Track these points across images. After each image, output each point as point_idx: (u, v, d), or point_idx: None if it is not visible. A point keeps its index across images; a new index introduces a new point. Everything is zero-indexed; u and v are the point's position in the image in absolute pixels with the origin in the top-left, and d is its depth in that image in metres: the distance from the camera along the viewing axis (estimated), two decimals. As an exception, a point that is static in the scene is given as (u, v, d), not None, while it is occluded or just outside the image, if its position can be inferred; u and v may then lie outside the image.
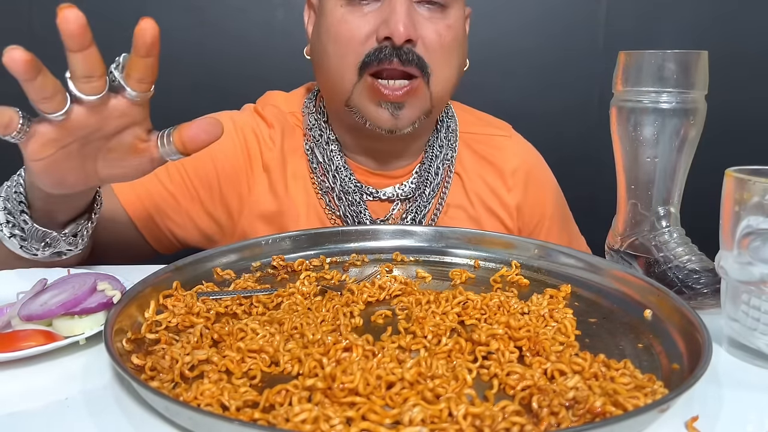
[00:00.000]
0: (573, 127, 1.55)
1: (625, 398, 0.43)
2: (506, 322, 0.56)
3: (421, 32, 0.77)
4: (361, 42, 0.77)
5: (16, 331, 0.54)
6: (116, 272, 0.63)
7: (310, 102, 0.91)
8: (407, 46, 0.76)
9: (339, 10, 0.78)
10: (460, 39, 0.82)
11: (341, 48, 0.78)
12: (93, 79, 0.50)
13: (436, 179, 0.89)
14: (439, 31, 0.78)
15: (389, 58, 0.76)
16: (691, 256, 0.70)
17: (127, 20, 1.58)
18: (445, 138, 0.92)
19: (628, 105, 0.71)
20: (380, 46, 0.77)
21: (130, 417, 0.45)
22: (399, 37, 0.75)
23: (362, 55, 0.77)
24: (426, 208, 0.89)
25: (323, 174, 0.87)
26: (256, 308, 0.62)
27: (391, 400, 0.44)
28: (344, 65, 0.79)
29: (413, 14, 0.77)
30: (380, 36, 0.76)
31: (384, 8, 0.77)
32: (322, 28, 0.81)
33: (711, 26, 1.54)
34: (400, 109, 0.79)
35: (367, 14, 0.77)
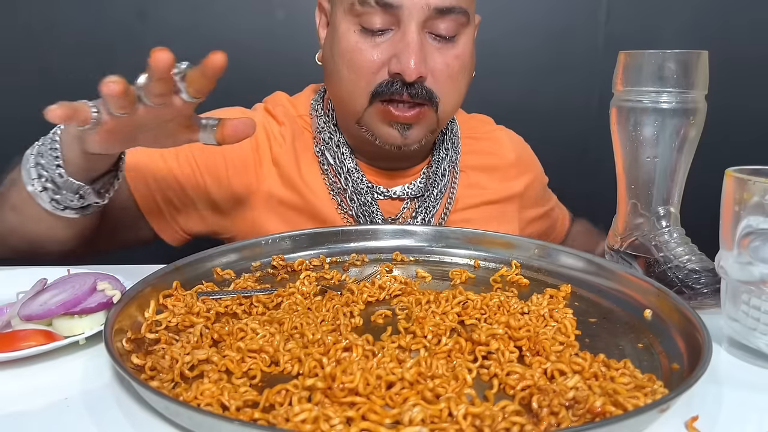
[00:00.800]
0: (573, 127, 1.55)
1: (625, 398, 0.43)
2: (506, 322, 0.56)
3: (431, 65, 0.79)
4: (373, 72, 0.79)
5: (16, 331, 0.54)
6: (116, 272, 0.63)
7: (318, 104, 0.93)
8: (418, 83, 0.78)
9: (353, 36, 0.80)
10: (468, 64, 0.84)
11: (353, 74, 0.80)
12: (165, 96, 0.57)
13: (443, 180, 0.92)
14: (447, 62, 0.80)
15: (399, 92, 0.79)
16: (691, 256, 0.70)
17: (127, 20, 1.59)
18: (450, 141, 0.95)
19: (628, 105, 0.71)
20: (392, 80, 0.79)
21: (130, 417, 0.45)
22: (410, 76, 0.77)
23: (374, 85, 0.80)
24: (435, 207, 0.91)
25: (335, 176, 0.89)
26: (256, 308, 0.62)
27: (391, 400, 0.44)
28: (356, 90, 0.81)
29: (424, 47, 0.78)
30: (392, 70, 0.78)
31: (396, 40, 0.78)
32: (335, 48, 0.82)
33: (711, 26, 1.54)
34: (409, 129, 0.82)
35: (380, 43, 0.79)
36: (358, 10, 0.78)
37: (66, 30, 1.44)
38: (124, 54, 1.45)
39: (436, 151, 0.93)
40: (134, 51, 1.44)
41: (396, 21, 0.78)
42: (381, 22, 0.78)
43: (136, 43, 1.45)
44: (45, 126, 1.35)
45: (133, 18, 1.44)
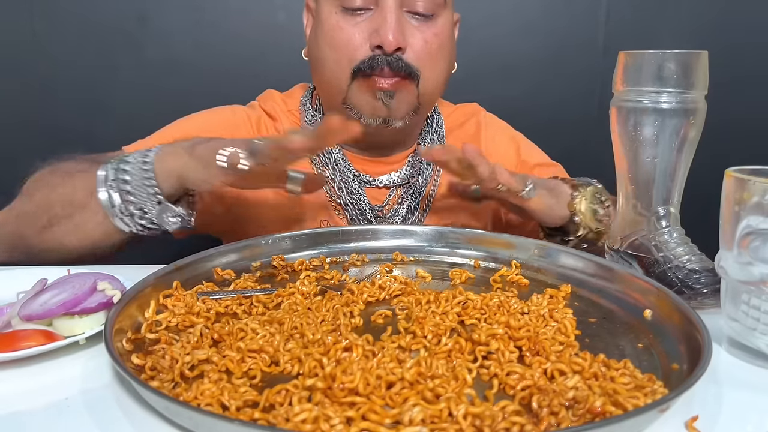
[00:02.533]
0: (573, 127, 1.55)
1: (625, 398, 0.43)
2: (506, 322, 0.56)
3: (410, 40, 0.83)
4: (355, 48, 0.83)
5: (16, 331, 0.54)
6: (116, 272, 0.63)
7: (307, 100, 0.97)
8: (397, 54, 0.82)
9: (334, 17, 0.84)
10: (447, 45, 0.87)
11: (336, 53, 0.84)
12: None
13: (428, 169, 0.95)
14: (426, 39, 0.84)
15: (381, 65, 0.82)
16: (691, 256, 0.70)
17: (127, 20, 1.59)
18: (435, 132, 0.98)
19: (628, 105, 0.71)
20: (373, 55, 0.82)
21: (130, 417, 0.45)
22: (389, 45, 0.80)
23: (356, 61, 0.83)
24: (420, 194, 0.94)
25: (323, 166, 0.92)
26: (256, 308, 0.62)
27: (391, 400, 0.44)
28: (339, 69, 0.84)
29: (403, 23, 0.82)
30: (372, 44, 0.82)
31: (376, 17, 0.82)
32: (319, 32, 0.86)
33: (711, 26, 1.54)
34: (392, 98, 0.84)
35: (360, 23, 0.83)
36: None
37: (66, 30, 1.44)
38: (124, 54, 1.46)
39: (420, 140, 0.96)
40: (134, 52, 1.45)
41: (374, 1, 0.82)
42: (361, 1, 0.82)
43: (136, 44, 1.45)
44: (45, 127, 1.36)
45: (134, 19, 1.45)
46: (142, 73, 1.45)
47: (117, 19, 1.44)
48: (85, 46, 1.44)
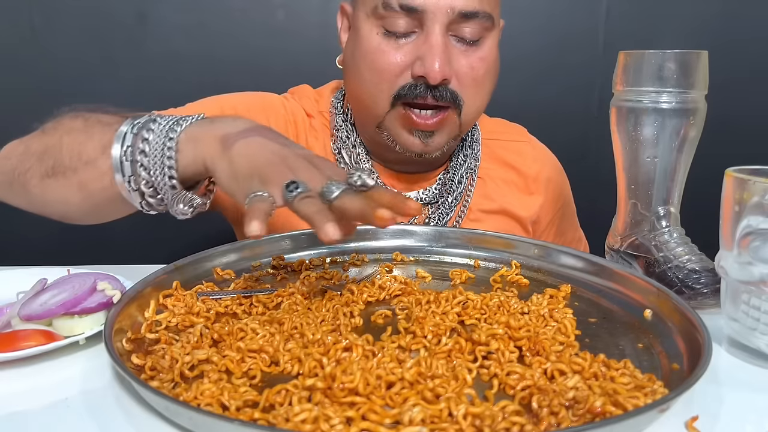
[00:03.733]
0: (573, 127, 1.55)
1: (625, 398, 0.43)
2: (506, 322, 0.56)
3: (456, 67, 0.78)
4: (396, 74, 0.78)
5: (16, 331, 0.54)
6: (116, 272, 0.63)
7: (338, 102, 0.92)
8: (442, 85, 0.77)
9: (375, 38, 0.79)
10: (492, 67, 0.82)
11: (376, 77, 0.79)
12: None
13: (459, 188, 0.91)
14: (472, 65, 0.79)
15: (423, 95, 0.77)
16: (691, 256, 0.70)
17: (127, 17, 1.59)
18: (470, 147, 0.93)
19: (628, 105, 0.71)
20: (415, 83, 0.78)
21: (130, 417, 0.45)
22: (434, 79, 0.76)
23: (397, 87, 0.79)
24: (449, 214, 0.90)
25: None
26: (256, 308, 0.62)
27: (391, 400, 0.44)
28: (378, 93, 0.80)
29: (449, 50, 0.77)
30: (415, 73, 0.77)
31: (420, 42, 0.77)
32: (358, 50, 0.81)
33: (711, 26, 1.54)
34: (431, 137, 0.81)
35: (403, 46, 0.78)
36: (381, 13, 0.77)
37: (65, 27, 1.44)
38: (123, 51, 1.46)
39: (454, 157, 0.92)
40: (133, 49, 1.45)
41: (419, 24, 0.77)
42: (404, 25, 0.77)
43: (135, 41, 1.45)
44: (44, 125, 1.32)
45: (133, 16, 1.45)
46: (142, 71, 1.45)
47: (116, 16, 1.44)
48: (84, 42, 1.44)
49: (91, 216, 0.66)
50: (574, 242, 1.06)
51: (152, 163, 0.58)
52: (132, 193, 0.59)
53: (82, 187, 0.62)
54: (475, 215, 0.92)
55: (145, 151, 0.58)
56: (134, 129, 0.59)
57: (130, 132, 0.59)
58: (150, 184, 0.59)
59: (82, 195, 0.62)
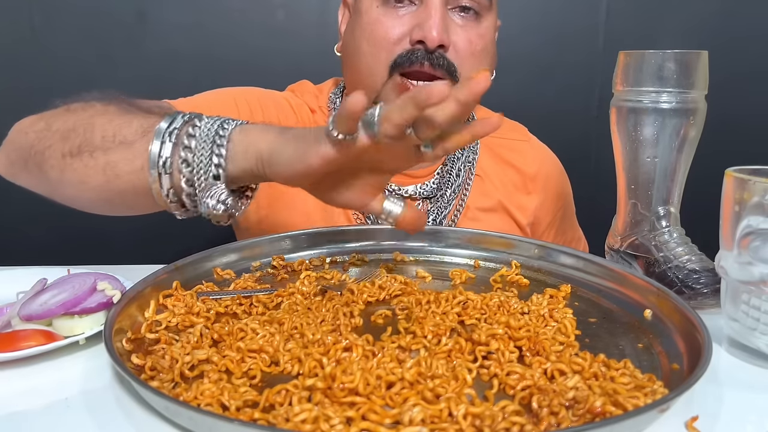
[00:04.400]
0: (573, 127, 1.55)
1: (625, 398, 0.43)
2: (506, 322, 0.56)
3: (454, 38, 0.79)
4: (394, 42, 0.79)
5: (16, 331, 0.54)
6: (116, 272, 0.63)
7: (336, 98, 0.93)
8: (439, 51, 0.78)
9: (375, 11, 0.81)
10: (490, 48, 0.84)
11: (374, 47, 0.80)
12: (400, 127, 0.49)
13: (457, 181, 0.91)
14: (470, 39, 0.80)
15: (420, 60, 0.78)
16: (691, 256, 0.70)
17: (126, 16, 1.58)
18: None
19: (628, 105, 0.71)
20: (413, 49, 0.79)
21: (130, 417, 0.45)
22: (432, 42, 0.76)
23: (394, 55, 0.79)
24: (446, 209, 0.90)
25: None
26: (256, 308, 0.62)
27: (391, 400, 0.44)
28: (376, 63, 0.80)
29: (447, 20, 0.79)
30: (414, 39, 0.78)
31: (419, 12, 0.79)
32: (357, 26, 0.83)
33: (711, 26, 1.54)
34: None
35: (402, 16, 0.80)
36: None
37: (65, 26, 1.44)
38: (122, 50, 1.46)
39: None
40: (133, 48, 1.45)
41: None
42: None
43: (134, 40, 1.45)
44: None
45: (132, 15, 1.45)
46: (141, 70, 1.45)
47: (116, 16, 1.44)
48: (83, 42, 1.44)
49: (103, 204, 0.64)
50: (574, 242, 1.06)
51: (198, 149, 0.56)
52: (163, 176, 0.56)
53: (109, 167, 0.59)
54: (473, 213, 0.92)
55: (195, 135, 0.56)
56: (184, 116, 0.58)
57: (181, 117, 0.57)
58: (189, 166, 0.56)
59: (106, 177, 0.60)
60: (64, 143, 0.61)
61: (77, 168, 0.60)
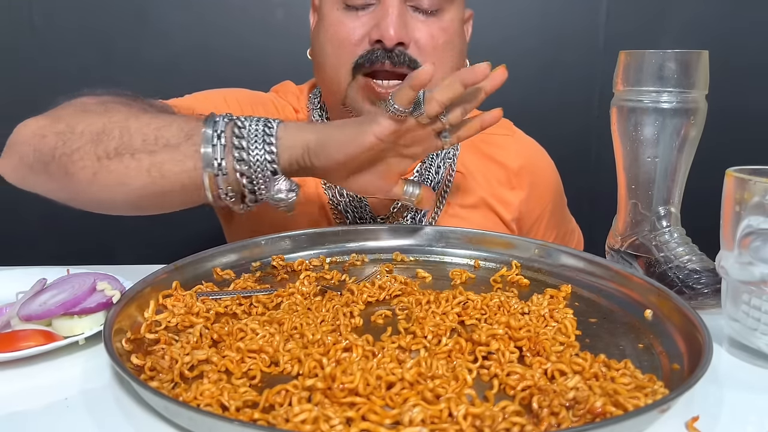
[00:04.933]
0: (573, 127, 1.55)
1: (625, 398, 0.43)
2: (506, 322, 0.55)
3: (414, 35, 0.80)
4: (355, 43, 0.80)
5: (16, 331, 0.54)
6: (116, 272, 0.63)
7: (315, 98, 0.94)
8: (399, 49, 0.79)
9: (335, 13, 0.82)
10: (455, 41, 0.83)
11: (336, 49, 0.81)
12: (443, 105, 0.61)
13: (437, 177, 0.90)
14: (432, 33, 0.80)
15: (381, 60, 0.78)
16: (692, 256, 0.70)
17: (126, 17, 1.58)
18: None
19: (629, 105, 0.71)
20: (372, 49, 0.79)
21: (130, 417, 0.45)
22: (389, 40, 0.77)
23: (356, 56, 0.80)
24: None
25: None
26: (256, 308, 0.62)
27: (391, 401, 0.44)
28: (339, 65, 0.82)
29: (406, 18, 0.79)
30: (372, 38, 0.79)
31: (377, 11, 0.79)
32: (321, 29, 0.84)
33: (711, 26, 1.54)
34: None
35: (361, 17, 0.80)
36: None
37: (65, 27, 1.44)
38: (122, 51, 1.46)
39: None
40: (133, 50, 1.45)
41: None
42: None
43: (134, 40, 1.45)
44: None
45: (132, 16, 1.45)
46: (140, 69, 1.45)
47: (116, 14, 1.44)
48: (83, 40, 1.44)
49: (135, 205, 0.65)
50: (567, 234, 1.05)
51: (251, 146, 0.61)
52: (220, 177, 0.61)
53: (155, 168, 0.61)
54: (454, 210, 0.91)
55: (243, 136, 0.61)
56: (224, 118, 0.62)
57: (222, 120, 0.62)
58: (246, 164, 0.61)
59: (151, 178, 0.61)
60: (96, 146, 0.61)
61: (115, 169, 0.61)
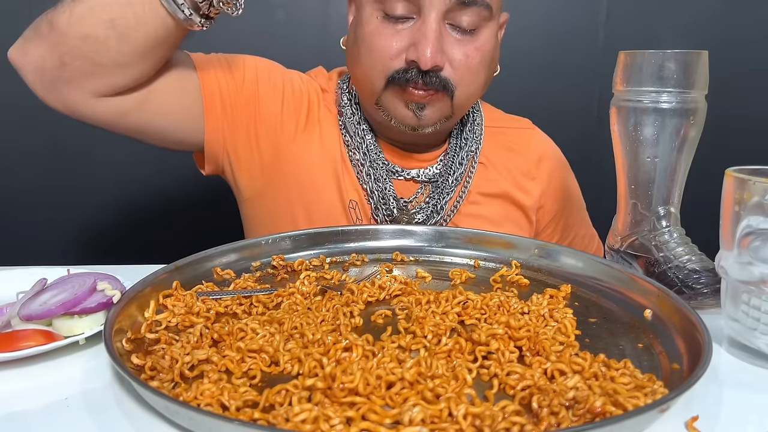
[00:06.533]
0: (573, 127, 1.54)
1: (625, 398, 0.43)
2: (506, 322, 0.56)
3: (449, 55, 0.80)
4: (391, 57, 0.81)
5: (16, 331, 0.54)
6: (116, 272, 0.63)
7: (344, 83, 0.96)
8: (433, 71, 0.79)
9: (374, 22, 0.81)
10: (488, 57, 0.84)
11: (372, 59, 0.82)
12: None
13: (459, 169, 0.92)
14: (467, 53, 0.81)
15: (414, 79, 0.80)
16: (691, 256, 0.70)
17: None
18: (470, 131, 0.95)
19: (629, 105, 0.71)
20: (407, 67, 0.80)
21: (130, 417, 0.45)
22: (425, 65, 0.78)
23: (391, 70, 0.81)
24: (449, 195, 0.91)
25: (355, 148, 0.91)
26: (256, 308, 0.62)
27: (391, 400, 0.44)
28: (373, 73, 0.83)
29: (443, 38, 0.79)
30: (408, 58, 0.79)
31: (416, 28, 0.79)
32: (359, 32, 0.84)
33: (711, 26, 1.54)
34: (423, 110, 0.83)
35: (400, 31, 0.80)
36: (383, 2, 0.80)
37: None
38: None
39: (454, 138, 0.94)
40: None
41: (417, 10, 0.79)
42: (403, 9, 0.79)
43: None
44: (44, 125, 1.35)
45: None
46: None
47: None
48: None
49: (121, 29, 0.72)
50: (587, 239, 1.06)
51: None
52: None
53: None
54: (474, 198, 0.93)
55: None
56: None
57: None
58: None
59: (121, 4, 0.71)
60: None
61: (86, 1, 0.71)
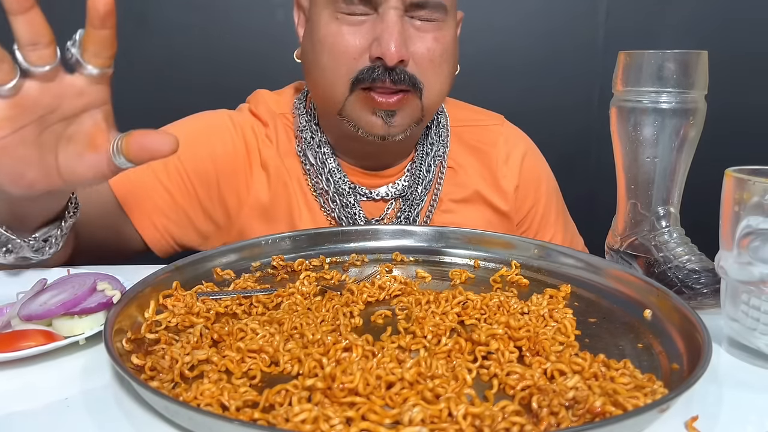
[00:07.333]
0: (573, 127, 1.55)
1: (624, 398, 0.43)
2: (506, 322, 0.56)
3: (412, 49, 0.78)
4: (354, 57, 0.78)
5: (16, 331, 0.54)
6: (116, 272, 0.63)
7: (300, 103, 0.91)
8: (399, 67, 0.77)
9: (333, 23, 0.78)
10: (450, 49, 0.82)
11: (333, 61, 0.79)
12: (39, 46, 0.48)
13: (428, 176, 0.90)
14: (428, 46, 0.79)
15: (381, 77, 0.77)
16: (691, 256, 0.70)
17: (127, 19, 1.58)
18: (436, 135, 0.92)
19: (628, 105, 0.71)
20: (373, 66, 0.77)
21: (130, 417, 0.45)
22: (391, 59, 0.75)
23: (355, 71, 0.78)
24: (419, 205, 0.89)
25: (317, 176, 0.88)
26: (256, 308, 0.62)
27: (390, 400, 0.44)
28: (337, 79, 0.79)
29: (405, 31, 0.77)
30: (373, 55, 0.77)
31: (377, 23, 0.77)
32: (315, 37, 0.80)
33: (711, 26, 1.54)
34: (393, 117, 0.80)
35: (360, 27, 0.78)
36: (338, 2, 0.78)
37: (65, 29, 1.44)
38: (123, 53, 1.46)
39: (420, 145, 0.91)
40: (134, 51, 1.45)
41: (374, 8, 0.77)
42: (361, 10, 0.77)
43: (136, 43, 1.45)
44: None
45: (134, 18, 1.45)
46: (142, 71, 1.45)
47: (117, 15, 1.44)
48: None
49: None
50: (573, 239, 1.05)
51: None
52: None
53: None
54: (446, 206, 0.91)
55: None
56: None
57: None
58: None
59: None
60: None
61: None
